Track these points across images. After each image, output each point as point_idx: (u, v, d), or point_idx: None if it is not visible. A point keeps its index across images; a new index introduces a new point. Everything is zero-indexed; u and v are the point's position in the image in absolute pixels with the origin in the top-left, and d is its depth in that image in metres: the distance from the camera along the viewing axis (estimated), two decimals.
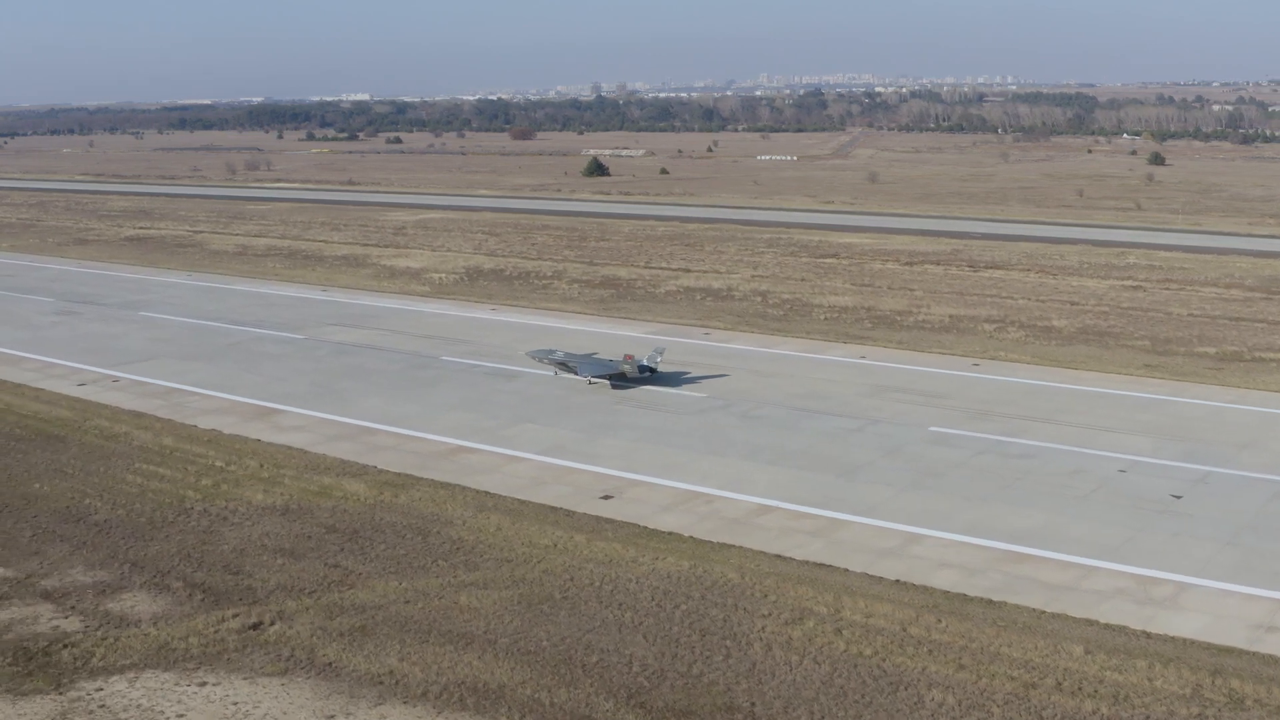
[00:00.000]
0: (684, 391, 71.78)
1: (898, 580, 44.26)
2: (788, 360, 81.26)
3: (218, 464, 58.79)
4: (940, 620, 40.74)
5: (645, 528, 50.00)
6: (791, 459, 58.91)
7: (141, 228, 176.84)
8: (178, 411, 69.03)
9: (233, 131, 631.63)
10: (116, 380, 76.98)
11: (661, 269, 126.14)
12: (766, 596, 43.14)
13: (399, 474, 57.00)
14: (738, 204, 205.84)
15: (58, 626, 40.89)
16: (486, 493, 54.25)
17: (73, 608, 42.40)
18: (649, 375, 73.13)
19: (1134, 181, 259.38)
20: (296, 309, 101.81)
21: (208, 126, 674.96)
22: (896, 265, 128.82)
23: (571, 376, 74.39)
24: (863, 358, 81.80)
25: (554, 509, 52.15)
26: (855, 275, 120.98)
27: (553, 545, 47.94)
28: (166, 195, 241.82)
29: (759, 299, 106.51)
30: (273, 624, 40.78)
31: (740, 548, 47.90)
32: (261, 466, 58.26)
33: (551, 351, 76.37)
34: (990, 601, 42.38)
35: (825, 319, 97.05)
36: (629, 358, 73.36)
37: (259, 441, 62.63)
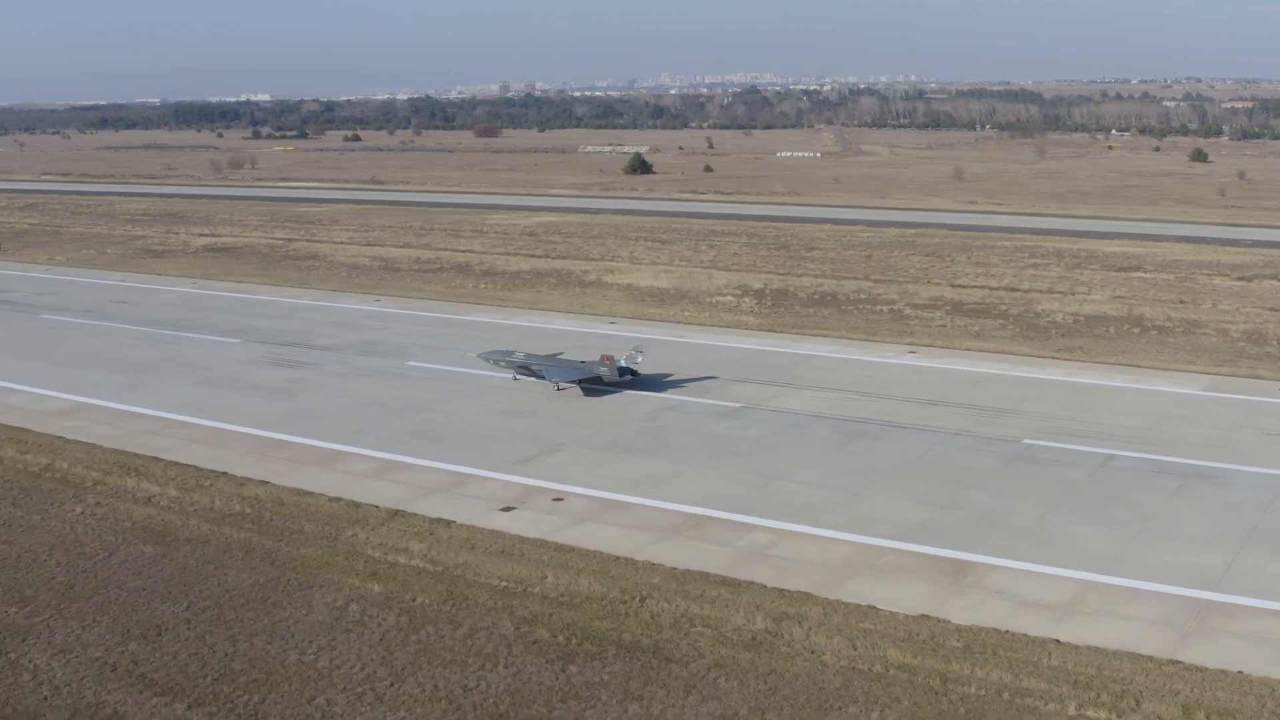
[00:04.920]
0: None
1: None
2: None
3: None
4: None
5: None
6: None
7: (205, 234, 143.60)
8: (765, 566, 39.78)
9: (162, 130, 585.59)
10: (561, 497, 47.19)
11: (975, 288, 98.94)
12: None
13: None
14: (869, 205, 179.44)
15: None
16: None
17: None
18: (629, 379, 63.25)
19: (1225, 180, 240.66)
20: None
21: (131, 125, 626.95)
22: (1235, 281, 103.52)
23: (539, 382, 63.60)
24: None
25: None
26: (1234, 295, 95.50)
27: None
28: (179, 196, 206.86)
29: (1214, 333, 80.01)
30: None
31: None
32: None
33: (510, 353, 66.01)
34: None
35: None
36: (606, 359, 63.75)
37: (1072, 647, 33.95)
